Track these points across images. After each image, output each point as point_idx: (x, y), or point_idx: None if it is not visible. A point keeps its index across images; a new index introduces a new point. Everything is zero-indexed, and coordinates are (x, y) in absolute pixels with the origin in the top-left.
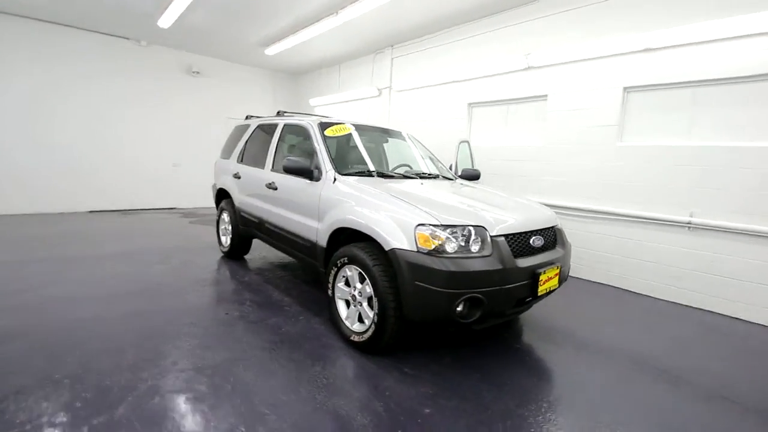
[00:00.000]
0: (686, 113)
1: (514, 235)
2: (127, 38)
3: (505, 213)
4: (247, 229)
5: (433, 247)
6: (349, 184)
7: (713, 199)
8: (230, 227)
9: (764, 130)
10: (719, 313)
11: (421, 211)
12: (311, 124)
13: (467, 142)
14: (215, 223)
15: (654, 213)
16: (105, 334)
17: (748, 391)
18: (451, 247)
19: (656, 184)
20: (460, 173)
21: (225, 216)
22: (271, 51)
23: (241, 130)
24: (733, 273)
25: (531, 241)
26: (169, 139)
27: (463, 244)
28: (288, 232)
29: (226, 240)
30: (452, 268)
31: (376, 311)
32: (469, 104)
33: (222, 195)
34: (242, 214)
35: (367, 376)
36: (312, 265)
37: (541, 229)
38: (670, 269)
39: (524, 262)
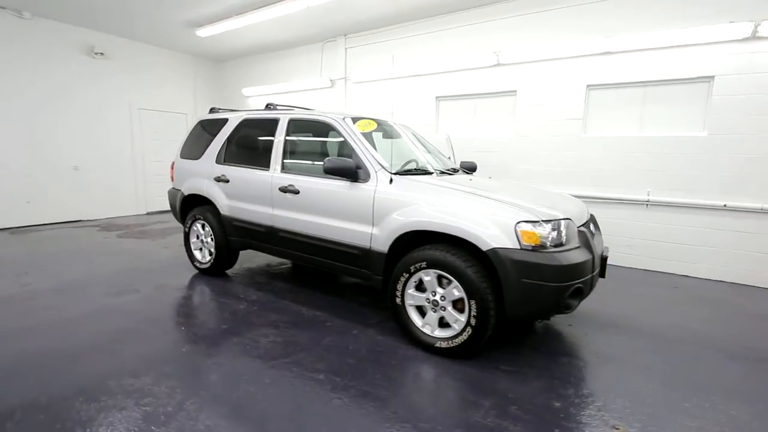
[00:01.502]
0: (638, 108)
1: (583, 224)
2: (3, 8)
3: (562, 204)
4: (243, 240)
5: (539, 242)
6: (411, 183)
7: (661, 180)
8: (212, 239)
9: (694, 122)
10: (667, 272)
11: (517, 207)
12: (340, 120)
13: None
14: (184, 236)
15: (617, 194)
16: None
17: (721, 331)
18: (551, 242)
19: (616, 170)
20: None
21: (200, 227)
22: (204, 32)
23: (212, 125)
24: (680, 239)
25: (591, 228)
26: (66, 136)
27: (558, 237)
28: (321, 240)
29: (203, 255)
30: (562, 262)
31: (474, 313)
32: (437, 98)
33: (193, 202)
34: (234, 223)
35: (478, 382)
36: (356, 274)
37: (590, 217)
38: (625, 240)
39: (597, 249)
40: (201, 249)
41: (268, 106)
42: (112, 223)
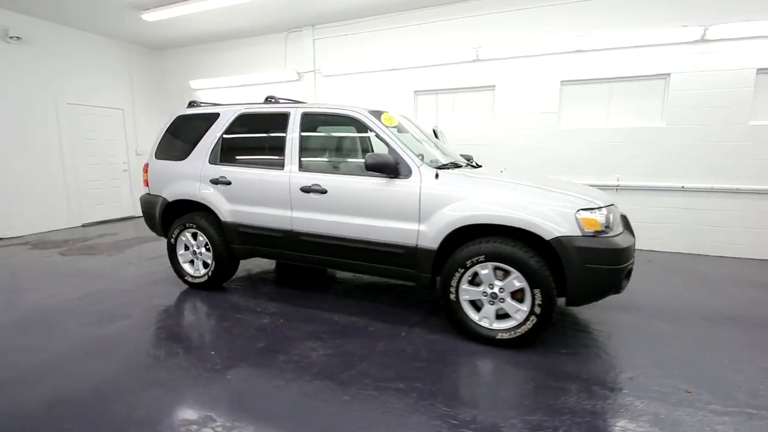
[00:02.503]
0: (606, 102)
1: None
2: None
3: (593, 192)
4: (251, 248)
5: (600, 228)
6: (458, 178)
7: (628, 166)
8: (208, 249)
9: (654, 115)
10: (639, 249)
11: (572, 196)
12: (366, 114)
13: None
14: (168, 249)
15: (589, 180)
16: None
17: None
18: (606, 227)
19: (588, 158)
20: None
21: (190, 237)
22: (151, 16)
23: (197, 121)
24: (646, 218)
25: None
26: None
27: (610, 223)
28: (356, 241)
29: (196, 268)
30: (621, 245)
31: (539, 302)
32: (416, 92)
33: (178, 209)
34: (240, 229)
35: (550, 368)
36: (396, 274)
37: None
38: None
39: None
40: (192, 261)
41: (268, 99)
42: (44, 240)
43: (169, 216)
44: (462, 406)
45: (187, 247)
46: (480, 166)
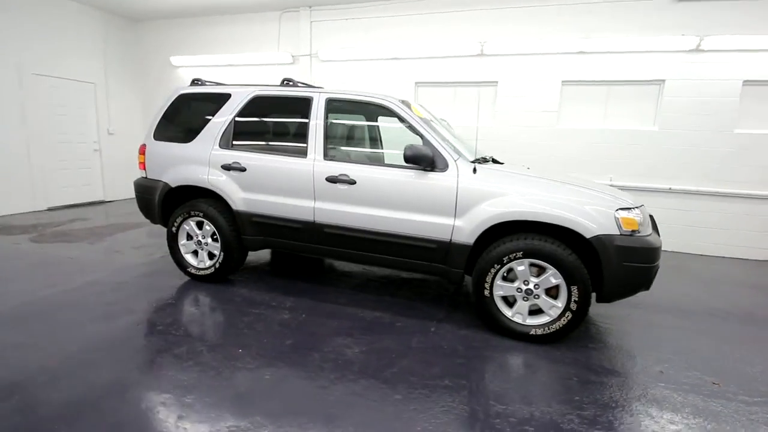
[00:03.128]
0: (603, 104)
1: None
2: None
3: (618, 193)
4: (264, 239)
5: (637, 228)
6: (496, 173)
7: (621, 167)
8: (215, 239)
9: (648, 118)
10: None
11: (611, 196)
12: (398, 104)
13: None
14: (168, 238)
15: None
16: None
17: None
18: (641, 226)
19: (584, 158)
20: None
21: (195, 225)
22: None
23: (204, 101)
24: None
25: None
26: None
27: (644, 223)
28: (386, 234)
29: (200, 259)
30: (654, 245)
31: (575, 298)
32: (417, 83)
33: (181, 196)
34: (254, 219)
35: (585, 363)
36: (425, 269)
37: None
38: None
39: None
40: (196, 252)
41: (285, 82)
42: (7, 224)
43: (171, 203)
44: (515, 403)
45: (190, 237)
46: (502, 163)
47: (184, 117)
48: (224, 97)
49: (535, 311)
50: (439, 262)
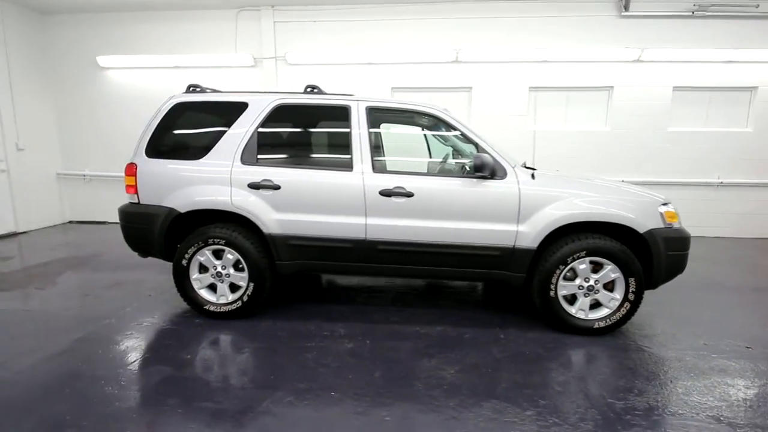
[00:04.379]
0: (564, 108)
1: None
2: None
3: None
4: (304, 263)
5: (676, 220)
6: (552, 178)
7: (580, 164)
8: (240, 269)
9: (600, 120)
10: None
11: (651, 194)
12: (447, 112)
13: None
14: (176, 273)
15: None
16: None
17: None
18: (678, 219)
19: (549, 158)
20: None
21: (211, 255)
22: None
23: (213, 111)
24: None
25: None
26: None
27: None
28: (447, 246)
29: (221, 293)
30: (688, 234)
31: (633, 289)
32: (393, 88)
33: (190, 222)
34: (292, 242)
35: (656, 352)
36: (484, 276)
37: None
38: None
39: None
40: (213, 287)
41: (310, 89)
42: None
43: (174, 231)
44: (632, 397)
45: (204, 269)
46: (534, 168)
47: (186, 129)
48: (238, 106)
49: (594, 305)
50: (501, 269)
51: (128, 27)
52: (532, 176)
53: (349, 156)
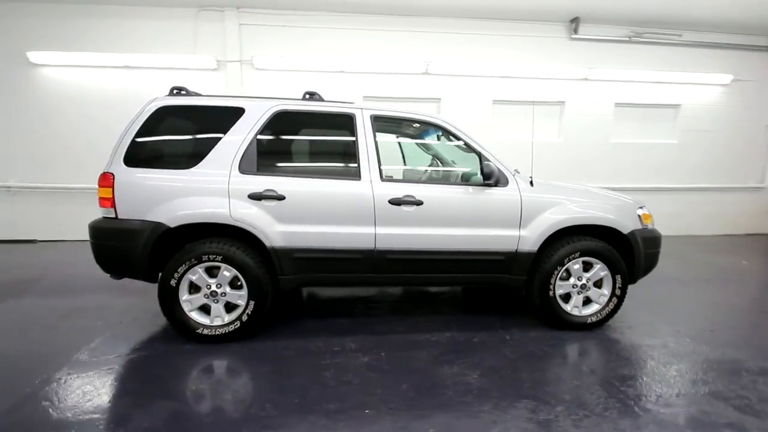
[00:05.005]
0: (523, 119)
1: None
2: None
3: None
4: (308, 277)
5: (650, 222)
6: (547, 185)
7: (539, 173)
8: (245, 287)
9: (555, 132)
10: None
11: (630, 198)
12: (450, 122)
13: None
14: (163, 294)
15: None
16: None
17: None
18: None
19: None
20: None
21: (204, 273)
22: None
23: (204, 116)
24: None
25: None
26: None
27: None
28: (454, 253)
29: (216, 314)
30: (660, 234)
31: (619, 285)
32: (364, 97)
33: (176, 238)
34: (297, 255)
35: (649, 344)
36: (488, 281)
37: None
38: None
39: None
40: (206, 307)
41: (310, 96)
42: None
43: (159, 248)
44: (639, 384)
45: (195, 289)
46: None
47: (171, 135)
48: (234, 112)
49: (586, 302)
50: (504, 273)
51: (68, 20)
52: (531, 183)
53: (356, 165)
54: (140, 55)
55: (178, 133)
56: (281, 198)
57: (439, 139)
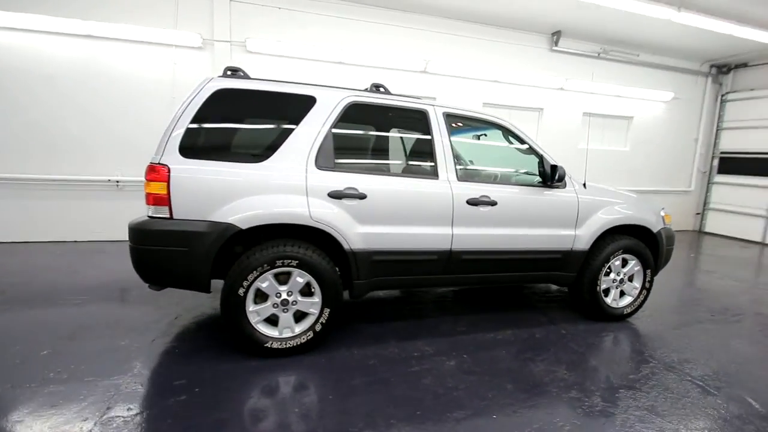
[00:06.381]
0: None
1: None
2: None
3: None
4: (381, 280)
5: (670, 222)
6: (597, 187)
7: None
8: (319, 293)
9: (533, 137)
10: None
11: (654, 202)
12: (515, 125)
13: None
14: (228, 306)
15: None
16: None
17: None
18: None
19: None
20: None
21: (274, 280)
22: None
23: (273, 103)
24: None
25: None
26: None
27: None
28: (520, 252)
29: (285, 325)
30: (674, 232)
31: (648, 279)
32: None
33: (240, 241)
34: (376, 257)
35: (660, 333)
36: (543, 279)
37: None
38: None
39: None
40: (272, 319)
41: (376, 88)
42: None
43: (224, 252)
44: (694, 367)
45: (261, 298)
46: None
47: (232, 123)
48: (304, 100)
49: (623, 294)
50: (559, 270)
51: None
52: (584, 185)
53: (433, 163)
54: (109, 25)
55: (239, 120)
56: (362, 197)
57: (480, 138)
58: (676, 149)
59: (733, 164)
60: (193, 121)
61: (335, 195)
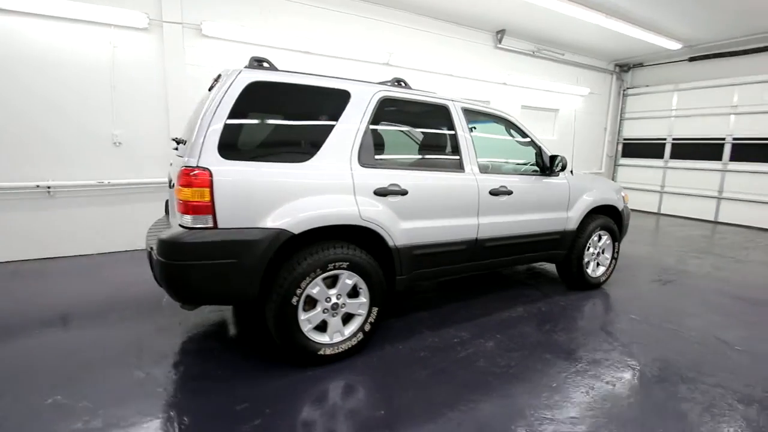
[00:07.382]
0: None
1: None
2: None
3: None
4: (418, 274)
5: (628, 201)
6: (578, 174)
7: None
8: (367, 293)
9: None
10: None
11: (616, 183)
12: (513, 117)
13: None
14: (281, 314)
15: None
16: None
17: None
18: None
19: None
20: None
21: (323, 283)
22: None
23: (308, 97)
24: None
25: None
26: None
27: None
28: (531, 235)
29: (335, 329)
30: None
31: (616, 251)
32: None
33: (291, 246)
34: (416, 252)
35: (641, 293)
36: (544, 257)
37: None
38: None
39: None
40: (321, 325)
41: (399, 83)
42: None
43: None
44: (688, 319)
45: (311, 304)
46: None
47: (271, 119)
48: (339, 95)
49: (598, 265)
50: (556, 249)
51: None
52: (571, 172)
53: (458, 157)
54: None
55: (275, 116)
56: (404, 193)
57: (473, 130)
58: (590, 137)
59: (634, 149)
60: (229, 118)
61: (380, 192)
